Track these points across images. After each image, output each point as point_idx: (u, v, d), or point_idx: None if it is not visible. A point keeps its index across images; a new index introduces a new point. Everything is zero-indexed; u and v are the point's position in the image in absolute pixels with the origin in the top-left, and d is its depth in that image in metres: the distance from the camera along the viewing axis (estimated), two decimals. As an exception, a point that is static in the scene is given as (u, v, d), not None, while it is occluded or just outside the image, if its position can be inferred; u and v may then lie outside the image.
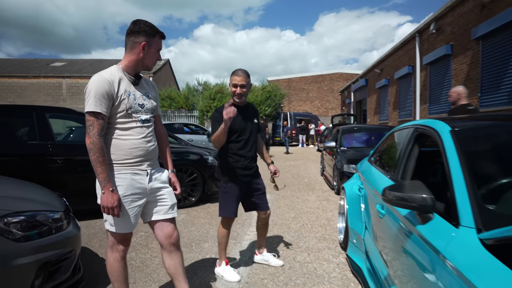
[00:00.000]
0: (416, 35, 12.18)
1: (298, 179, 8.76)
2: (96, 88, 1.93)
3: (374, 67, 18.01)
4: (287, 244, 3.84)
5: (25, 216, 2.30)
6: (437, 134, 2.00)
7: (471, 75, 8.88)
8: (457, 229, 1.44)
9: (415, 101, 12.44)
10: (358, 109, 24.27)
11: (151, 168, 2.17)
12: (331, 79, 35.87)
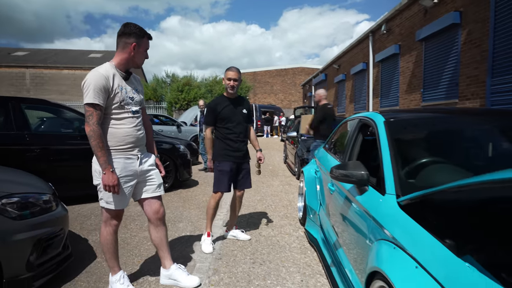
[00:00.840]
0: (370, 35, 12.86)
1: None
2: (95, 83, 2.13)
3: (333, 63, 18.70)
4: (254, 222, 4.19)
5: (19, 197, 2.45)
6: (375, 124, 2.40)
7: (415, 73, 9.63)
8: (384, 196, 1.83)
9: (369, 95, 13.18)
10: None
11: (141, 153, 2.40)
12: (294, 73, 36.59)
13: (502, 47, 6.29)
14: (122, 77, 2.31)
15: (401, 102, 10.60)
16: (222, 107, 3.27)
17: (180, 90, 24.03)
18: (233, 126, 3.30)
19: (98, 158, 2.17)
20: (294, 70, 36.77)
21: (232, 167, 3.30)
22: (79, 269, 2.86)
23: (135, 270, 2.84)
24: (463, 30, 7.41)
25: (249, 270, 2.85)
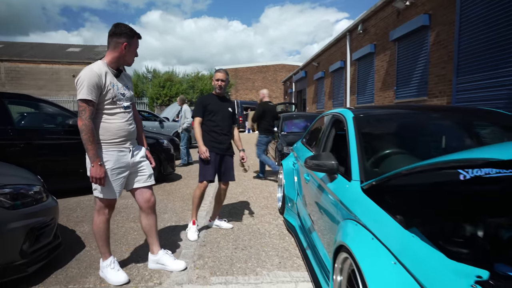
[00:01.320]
0: (347, 34, 13.21)
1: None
2: (88, 80, 2.25)
3: (312, 60, 19.04)
4: (236, 212, 4.38)
5: (11, 188, 2.55)
6: (345, 119, 2.62)
7: (389, 71, 10.02)
8: (350, 182, 2.05)
9: (346, 92, 13.57)
10: (298, 98, 25.41)
11: (132, 146, 2.54)
12: (275, 70, 36.83)
13: (466, 48, 6.70)
14: (114, 74, 2.44)
15: (376, 99, 11.00)
16: (209, 101, 3.53)
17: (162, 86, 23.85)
18: (218, 120, 3.51)
19: (88, 151, 2.29)
20: (275, 67, 37.01)
21: (216, 157, 3.48)
22: (69, 257, 2.97)
23: (124, 257, 2.98)
24: (432, 32, 7.80)
25: (231, 254, 3.05)
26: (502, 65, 5.78)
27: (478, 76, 6.34)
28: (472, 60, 6.52)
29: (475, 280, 1.11)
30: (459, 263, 1.19)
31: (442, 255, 1.23)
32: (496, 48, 5.92)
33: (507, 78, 5.66)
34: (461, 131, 2.59)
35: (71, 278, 2.61)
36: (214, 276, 2.64)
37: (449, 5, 7.16)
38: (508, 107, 5.64)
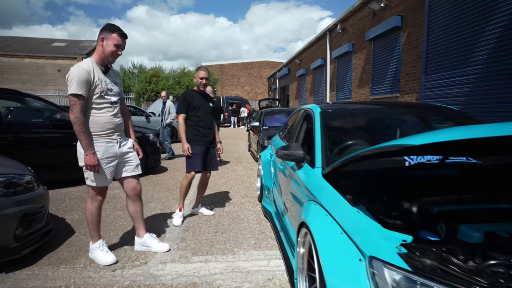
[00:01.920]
0: (327, 33, 13.48)
1: (229, 154, 9.53)
2: (78, 76, 2.38)
3: (295, 58, 19.28)
4: (218, 201, 4.58)
5: (4, 177, 2.67)
6: (313, 114, 2.85)
7: (365, 69, 10.35)
8: (313, 169, 2.28)
9: (326, 88, 13.88)
10: (282, 94, 25.67)
11: (120, 138, 2.69)
12: (259, 67, 36.94)
13: (433, 49, 7.04)
14: (102, 71, 2.58)
15: (353, 95, 11.34)
16: (193, 97, 3.66)
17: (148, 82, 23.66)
18: (202, 115, 3.66)
19: (81, 141, 2.44)
20: (260, 64, 37.13)
21: (203, 150, 3.65)
22: (60, 242, 3.12)
23: (112, 241, 3.14)
24: (404, 32, 8.13)
25: (212, 237, 3.25)
26: (464, 65, 6.13)
27: (444, 74, 6.70)
28: (439, 60, 6.87)
29: (401, 243, 1.35)
30: (391, 231, 1.42)
31: (379, 226, 1.47)
32: (459, 49, 6.27)
33: (469, 77, 6.02)
34: (413, 124, 2.85)
35: (62, 260, 2.76)
36: (195, 256, 2.84)
37: (419, 8, 7.49)
38: (469, 103, 6.02)
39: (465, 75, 6.10)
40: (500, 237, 1.45)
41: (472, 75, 5.95)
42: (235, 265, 2.67)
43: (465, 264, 1.27)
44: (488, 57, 5.60)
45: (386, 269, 1.26)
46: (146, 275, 2.50)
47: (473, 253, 1.34)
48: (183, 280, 2.42)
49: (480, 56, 5.78)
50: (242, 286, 2.35)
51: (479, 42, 5.79)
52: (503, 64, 5.31)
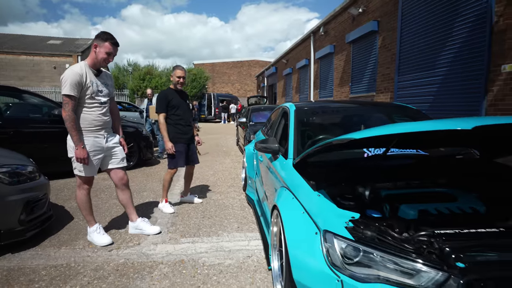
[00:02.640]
0: (311, 35, 13.67)
1: (218, 147, 9.70)
2: (71, 79, 2.52)
3: (282, 57, 19.43)
4: (206, 190, 4.76)
5: (9, 168, 2.80)
6: (289, 111, 3.05)
7: (345, 70, 10.60)
8: (286, 160, 2.48)
9: (310, 87, 14.10)
10: (270, 91, 25.82)
11: (107, 134, 2.84)
12: (249, 65, 36.96)
13: (405, 51, 7.32)
14: (94, 73, 2.71)
15: (334, 94, 11.59)
16: (172, 97, 3.68)
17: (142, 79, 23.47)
18: (182, 113, 3.73)
19: (72, 136, 2.58)
20: (249, 62, 37.14)
21: (184, 146, 3.77)
22: (60, 226, 3.26)
23: (108, 226, 3.30)
24: (380, 36, 8.38)
25: (199, 222, 3.44)
26: (432, 67, 6.42)
27: (414, 75, 6.98)
28: (410, 62, 7.15)
29: (349, 219, 1.56)
30: (344, 210, 1.63)
31: (334, 206, 1.68)
32: (427, 52, 6.55)
33: (436, 77, 6.31)
34: (376, 120, 3.07)
35: (63, 242, 2.92)
36: (183, 237, 3.02)
37: (393, 13, 7.74)
38: (436, 102, 6.32)
39: (433, 76, 6.39)
40: (431, 214, 1.68)
41: (438, 76, 6.24)
42: (219, 245, 2.87)
43: (399, 235, 1.49)
44: (452, 60, 5.90)
45: (335, 239, 1.48)
46: (139, 254, 2.67)
47: (407, 227, 1.56)
48: (172, 258, 2.61)
49: (445, 59, 6.07)
50: (224, 262, 2.55)
51: (444, 46, 6.07)
52: (464, 67, 5.60)
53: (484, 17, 5.19)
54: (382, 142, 2.04)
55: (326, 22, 11.95)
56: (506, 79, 4.86)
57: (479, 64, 5.29)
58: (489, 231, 1.48)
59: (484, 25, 5.18)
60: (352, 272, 1.39)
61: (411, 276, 1.31)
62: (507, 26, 4.83)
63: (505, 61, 4.86)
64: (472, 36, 5.45)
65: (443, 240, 1.40)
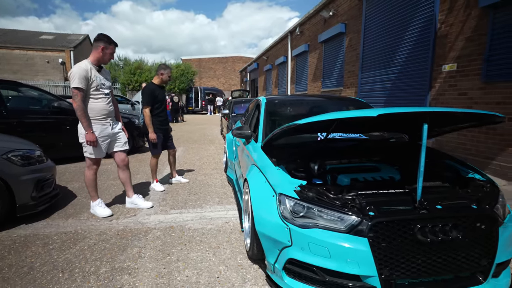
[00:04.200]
0: (289, 34, 13.92)
1: (204, 136, 9.94)
2: (79, 73, 2.75)
3: (263, 54, 19.60)
4: (192, 172, 5.06)
5: (21, 152, 3.01)
6: (261, 103, 3.37)
7: (318, 67, 10.96)
8: (256, 143, 2.81)
9: (288, 82, 14.43)
10: (252, 86, 25.98)
11: (112, 121, 3.08)
12: (233, 61, 36.82)
13: (367, 51, 7.73)
14: (96, 69, 2.94)
15: (309, 88, 11.97)
16: (157, 92, 3.86)
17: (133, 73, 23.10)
18: (163, 107, 3.95)
19: (82, 123, 2.82)
20: (233, 58, 36.99)
21: (163, 137, 3.99)
22: (66, 203, 3.50)
23: (108, 201, 3.55)
24: (347, 37, 8.76)
25: (186, 197, 3.75)
26: (388, 66, 6.86)
27: (374, 72, 7.42)
28: (371, 61, 7.58)
29: (298, 185, 1.91)
30: (296, 179, 1.99)
31: (288, 176, 2.03)
32: (385, 52, 6.98)
33: (391, 75, 6.76)
34: (331, 110, 3.44)
35: (69, 214, 3.17)
36: (173, 209, 3.34)
37: (358, 17, 8.11)
38: (391, 96, 6.79)
39: (389, 73, 6.84)
40: (359, 181, 2.06)
41: (393, 73, 6.70)
42: (202, 214, 3.20)
43: (334, 196, 1.86)
44: (404, 60, 6.35)
45: (286, 199, 1.83)
46: (135, 223, 2.97)
47: (341, 190, 1.93)
48: (163, 225, 2.92)
49: (398, 58, 6.52)
50: (206, 227, 2.89)
51: (398, 48, 6.51)
52: (413, 66, 6.06)
53: (430, 23, 5.63)
54: (322, 127, 2.40)
55: (302, 23, 12.22)
56: (446, 77, 5.35)
57: (425, 64, 5.76)
58: (397, 191, 1.88)
59: (430, 30, 5.63)
60: (297, 222, 1.75)
61: (337, 222, 1.68)
62: (447, 31, 5.29)
63: (445, 62, 5.34)
64: (420, 39, 5.90)
65: (362, 198, 1.78)
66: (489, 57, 4.55)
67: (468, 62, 4.89)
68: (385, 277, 1.59)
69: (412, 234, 1.60)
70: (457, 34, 5.08)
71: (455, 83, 5.16)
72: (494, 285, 1.73)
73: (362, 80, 7.97)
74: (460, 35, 5.01)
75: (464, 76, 4.98)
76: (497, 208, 1.80)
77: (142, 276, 2.07)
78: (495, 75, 4.49)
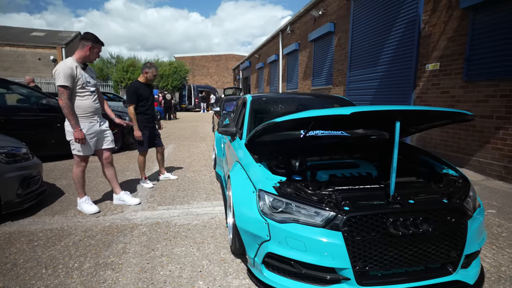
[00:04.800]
0: (280, 33, 13.92)
1: (195, 134, 9.91)
2: (64, 71, 2.71)
3: (255, 53, 19.57)
4: (181, 169, 5.05)
5: (6, 149, 2.96)
6: (247, 100, 3.37)
7: (308, 65, 11.00)
8: (241, 140, 2.82)
9: (279, 80, 14.45)
10: (245, 83, 25.95)
11: (99, 118, 3.06)
12: (226, 59, 36.67)
13: (355, 50, 7.79)
14: (81, 67, 2.91)
15: (299, 87, 12.01)
16: (142, 89, 3.81)
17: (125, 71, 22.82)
18: (149, 105, 3.90)
19: (70, 121, 2.79)
20: (227, 56, 36.83)
21: (149, 134, 3.97)
22: (53, 200, 3.47)
23: (96, 198, 3.53)
24: (336, 36, 8.80)
25: (174, 194, 3.75)
26: (375, 64, 6.93)
27: (362, 71, 7.48)
28: (358, 60, 7.64)
29: (278, 181, 1.93)
30: (276, 175, 2.01)
31: (269, 173, 2.05)
32: (372, 51, 7.04)
33: (378, 73, 6.83)
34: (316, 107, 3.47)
35: (56, 211, 3.14)
36: (160, 206, 3.33)
37: (346, 17, 8.15)
38: (377, 94, 6.86)
39: (375, 72, 6.91)
40: (337, 177, 2.09)
41: (379, 72, 6.77)
42: (189, 210, 3.21)
43: (311, 192, 1.88)
44: (390, 59, 6.42)
45: (265, 195, 1.85)
46: (122, 219, 2.96)
47: (319, 186, 1.96)
48: (149, 221, 2.92)
49: (385, 57, 6.58)
50: (192, 222, 2.90)
51: (384, 47, 6.57)
52: (398, 65, 6.13)
53: (414, 23, 5.70)
54: (303, 125, 2.42)
55: (292, 22, 12.23)
56: (429, 76, 5.43)
57: (409, 63, 5.84)
58: (372, 187, 1.91)
59: (414, 30, 5.69)
60: (276, 217, 1.78)
61: (313, 217, 1.71)
62: (431, 31, 5.36)
63: (429, 61, 5.42)
64: (405, 39, 5.96)
65: (339, 193, 1.81)
66: (470, 56, 4.64)
67: (450, 61, 4.98)
68: (359, 269, 1.62)
69: (385, 228, 1.63)
70: (440, 34, 5.15)
71: (438, 82, 5.24)
72: (463, 276, 1.78)
73: (350, 78, 8.03)
74: (443, 35, 5.09)
75: (447, 75, 5.07)
76: (467, 202, 1.85)
77: (126, 271, 2.08)
78: (476, 74, 4.58)
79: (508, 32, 4.09)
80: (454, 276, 1.73)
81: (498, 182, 4.14)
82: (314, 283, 1.70)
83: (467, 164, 4.73)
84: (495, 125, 4.28)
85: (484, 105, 4.43)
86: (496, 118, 4.26)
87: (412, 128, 2.56)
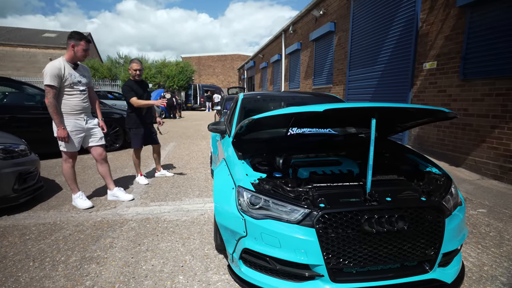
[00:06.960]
0: (282, 33, 13.85)
1: (197, 132, 9.94)
2: (51, 72, 2.74)
3: (259, 52, 19.51)
4: (179, 166, 5.06)
5: (3, 146, 3.01)
6: (238, 99, 3.36)
7: (309, 64, 10.92)
8: (229, 138, 2.81)
9: (282, 79, 14.38)
10: (249, 83, 25.92)
11: (86, 117, 3.07)
12: (232, 59, 36.69)
13: (355, 50, 7.69)
14: (72, 67, 2.93)
15: (301, 85, 11.94)
16: (134, 87, 3.83)
17: (133, 70, 23.08)
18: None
19: (54, 119, 2.82)
20: (232, 56, 36.85)
21: (144, 131, 3.97)
22: (50, 195, 3.51)
23: (91, 194, 3.57)
24: (336, 36, 8.71)
25: (168, 190, 3.76)
26: (374, 63, 6.83)
27: (361, 70, 7.39)
28: (358, 59, 7.55)
29: (257, 178, 1.92)
30: (257, 172, 1.99)
31: (251, 169, 2.03)
32: (371, 51, 6.95)
33: (377, 72, 6.74)
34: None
35: (51, 206, 3.18)
36: (152, 202, 3.35)
37: (346, 16, 8.06)
38: (376, 93, 6.77)
39: (374, 71, 6.82)
40: (318, 174, 2.07)
41: (378, 71, 6.67)
42: (180, 207, 3.21)
43: (289, 188, 1.86)
44: (388, 58, 6.32)
45: (244, 191, 1.84)
46: (114, 214, 2.99)
47: (299, 183, 1.94)
48: (140, 217, 2.94)
49: (383, 56, 6.49)
50: (181, 218, 2.91)
51: (383, 46, 6.48)
52: (396, 64, 6.04)
53: (412, 22, 5.60)
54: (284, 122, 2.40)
55: (295, 21, 12.15)
56: (426, 74, 5.33)
57: (407, 62, 5.74)
58: (351, 184, 1.88)
59: (412, 29, 5.60)
60: (253, 213, 1.76)
61: (288, 213, 1.69)
62: (428, 30, 5.26)
63: (426, 60, 5.32)
64: (403, 38, 5.87)
65: (316, 190, 1.79)
66: (466, 55, 4.54)
67: (447, 60, 4.88)
68: (332, 266, 1.60)
69: (359, 225, 1.60)
70: (437, 33, 5.05)
71: (435, 81, 5.15)
72: (441, 274, 1.74)
73: (350, 77, 7.94)
74: (440, 33, 4.99)
75: (444, 74, 4.97)
76: (447, 200, 1.81)
77: (110, 265, 2.09)
78: (472, 72, 4.48)
79: (504, 30, 3.98)
80: (430, 274, 1.69)
81: (493, 181, 4.05)
82: (289, 279, 1.68)
83: (463, 163, 4.64)
84: (491, 124, 4.18)
85: (480, 104, 4.33)
86: (492, 117, 4.16)
87: (398, 126, 2.51)
